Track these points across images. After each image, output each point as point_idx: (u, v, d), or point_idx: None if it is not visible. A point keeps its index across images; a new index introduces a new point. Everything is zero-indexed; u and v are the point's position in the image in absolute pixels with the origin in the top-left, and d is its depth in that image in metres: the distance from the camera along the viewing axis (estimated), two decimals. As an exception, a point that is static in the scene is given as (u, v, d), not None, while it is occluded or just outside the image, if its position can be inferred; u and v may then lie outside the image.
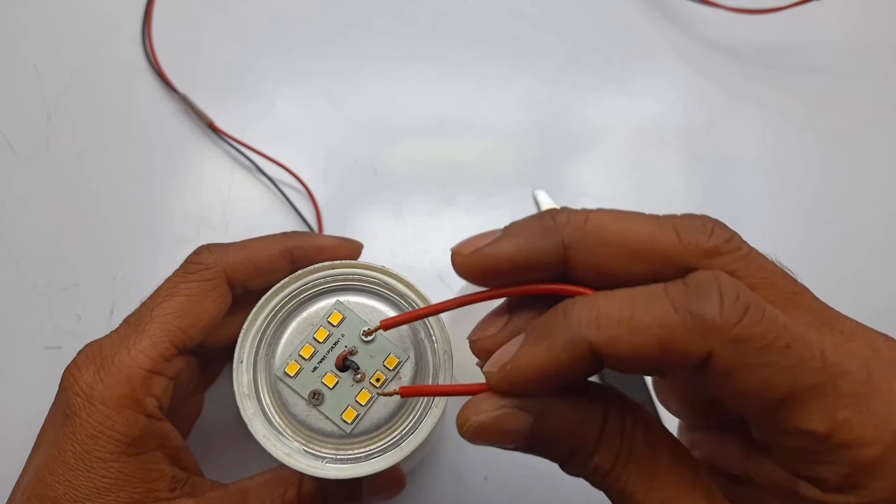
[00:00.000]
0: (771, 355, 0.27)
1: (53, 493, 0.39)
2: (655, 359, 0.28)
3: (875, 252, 0.66)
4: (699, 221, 0.31)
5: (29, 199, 0.64)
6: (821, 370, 0.27)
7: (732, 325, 0.27)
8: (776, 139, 0.68)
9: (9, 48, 0.69)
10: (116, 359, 0.41)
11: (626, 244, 0.30)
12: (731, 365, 0.27)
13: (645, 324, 0.28)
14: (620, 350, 0.28)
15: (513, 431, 0.31)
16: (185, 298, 0.44)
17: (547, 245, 0.31)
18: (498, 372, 0.31)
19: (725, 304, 0.27)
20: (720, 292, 0.27)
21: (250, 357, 0.40)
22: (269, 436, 0.39)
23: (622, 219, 0.31)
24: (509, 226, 0.33)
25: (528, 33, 0.71)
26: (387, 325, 0.37)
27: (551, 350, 0.29)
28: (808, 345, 0.27)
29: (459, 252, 0.33)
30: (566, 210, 0.32)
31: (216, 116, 0.65)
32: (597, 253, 0.31)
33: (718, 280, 0.28)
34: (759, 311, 0.27)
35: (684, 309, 0.27)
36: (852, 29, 0.72)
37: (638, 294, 0.29)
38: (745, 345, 0.27)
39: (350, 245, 0.52)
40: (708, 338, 0.27)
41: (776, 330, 0.27)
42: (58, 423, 0.41)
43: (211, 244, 0.47)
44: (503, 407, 0.31)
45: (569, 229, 0.31)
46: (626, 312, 0.28)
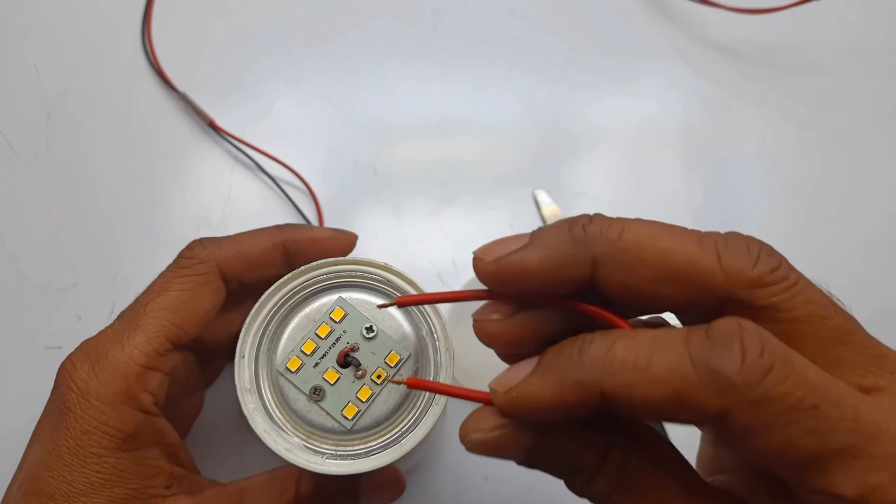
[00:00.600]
0: (795, 416, 0.25)
1: (48, 488, 0.39)
2: (669, 411, 0.26)
3: (875, 252, 0.65)
4: (744, 245, 0.29)
5: (29, 199, 0.64)
6: (852, 431, 0.25)
7: (753, 384, 0.25)
8: (776, 139, 0.68)
9: (9, 48, 0.69)
10: (111, 354, 0.41)
11: (663, 267, 0.28)
12: (750, 424, 0.25)
13: (661, 375, 0.26)
14: (633, 399, 0.26)
15: (511, 448, 0.30)
16: (178, 293, 0.43)
17: (576, 259, 0.30)
18: (503, 395, 0.30)
19: (747, 361, 0.25)
20: (742, 347, 0.25)
21: (252, 352, 0.40)
22: (270, 431, 0.39)
23: (661, 235, 0.29)
24: (536, 232, 0.31)
25: (528, 33, 0.71)
26: (403, 301, 0.36)
27: (560, 387, 0.28)
28: (838, 404, 0.25)
29: (482, 258, 0.31)
30: (599, 219, 0.30)
31: (216, 116, 0.65)
32: (630, 273, 0.29)
33: (742, 333, 0.26)
34: (786, 368, 0.25)
35: (702, 363, 0.25)
36: (852, 29, 0.72)
37: (657, 340, 0.27)
38: (766, 406, 0.25)
39: (344, 237, 0.52)
40: (725, 397, 0.25)
41: (803, 389, 0.25)
42: (53, 418, 0.40)
43: (204, 238, 0.47)
44: (502, 427, 0.30)
45: (601, 243, 0.29)
46: (642, 360, 0.27)
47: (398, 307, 0.38)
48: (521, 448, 0.30)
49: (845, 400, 0.26)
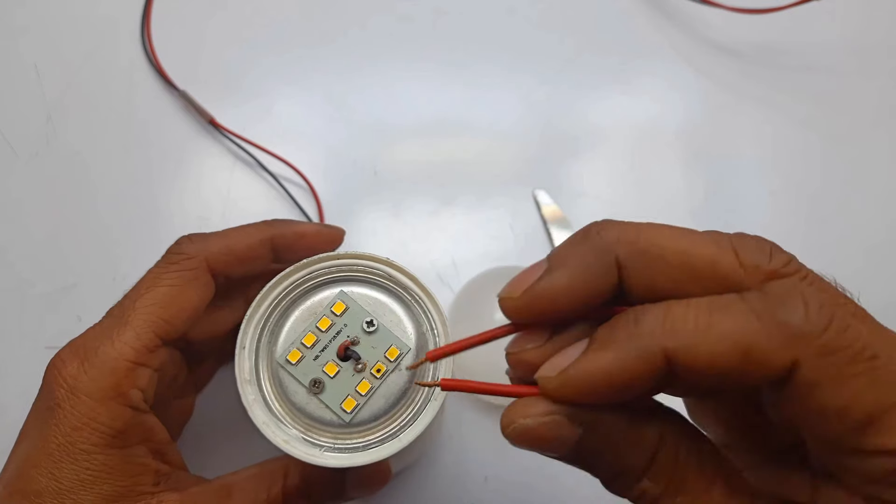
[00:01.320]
0: (857, 366, 0.25)
1: (36, 486, 0.39)
2: (736, 370, 0.26)
3: (875, 252, 0.65)
4: (755, 242, 0.29)
5: (29, 198, 0.64)
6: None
7: (820, 332, 0.25)
8: (776, 139, 0.69)
9: (9, 48, 0.69)
10: (100, 351, 0.40)
11: (685, 265, 0.29)
12: (817, 377, 0.25)
13: (726, 331, 0.26)
14: (699, 359, 0.26)
15: (559, 440, 0.29)
16: (167, 289, 0.43)
17: (602, 267, 0.30)
18: (557, 377, 0.29)
19: (811, 311, 0.26)
20: (804, 300, 0.26)
21: (253, 343, 0.40)
22: (269, 422, 0.39)
23: (679, 237, 0.29)
24: (554, 253, 0.31)
25: (528, 33, 0.71)
26: (433, 356, 0.36)
27: (621, 358, 0.27)
28: (893, 358, 0.26)
29: (510, 296, 0.31)
30: (612, 224, 0.30)
31: (216, 116, 0.65)
32: (655, 273, 0.29)
33: (803, 287, 0.27)
34: (845, 320, 0.26)
35: (769, 316, 0.26)
36: (852, 29, 0.72)
37: (714, 302, 0.27)
38: (833, 355, 0.25)
39: (331, 232, 0.52)
40: (794, 347, 0.25)
41: (862, 340, 0.25)
42: (42, 416, 0.40)
43: (192, 234, 0.47)
44: (552, 413, 0.29)
45: (622, 247, 0.29)
46: (703, 320, 0.27)
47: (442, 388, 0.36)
48: (570, 439, 0.29)
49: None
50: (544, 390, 0.29)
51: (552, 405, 0.29)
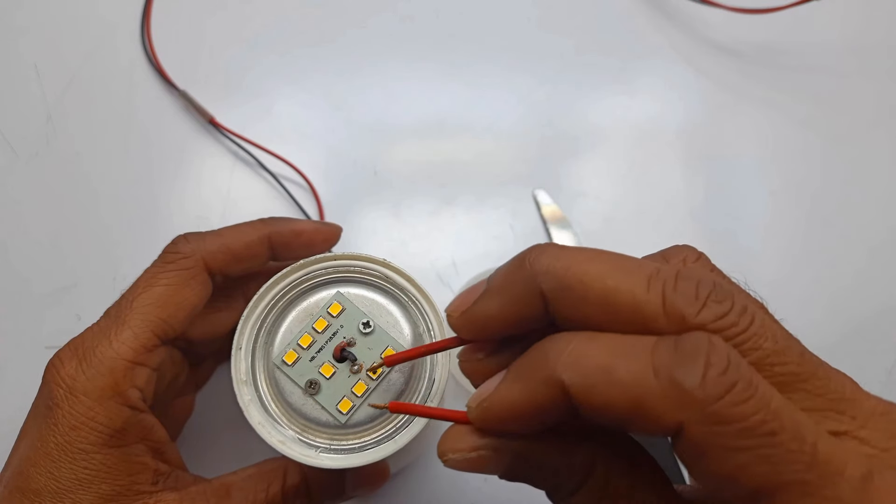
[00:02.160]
0: (750, 440, 0.24)
1: (35, 485, 0.39)
2: (627, 418, 0.26)
3: (876, 252, 0.65)
4: (692, 287, 0.28)
5: (29, 198, 0.64)
6: (808, 466, 0.25)
7: (712, 400, 0.24)
8: (776, 139, 0.68)
9: (8, 48, 0.69)
10: (98, 350, 0.41)
11: (608, 306, 0.28)
12: (703, 442, 0.25)
13: (622, 379, 0.26)
14: (593, 399, 0.26)
15: (489, 469, 0.31)
16: (164, 288, 0.43)
17: (527, 297, 0.30)
18: (476, 408, 0.30)
19: (709, 376, 0.25)
20: (707, 362, 0.25)
21: (249, 344, 0.40)
22: (265, 423, 0.39)
23: (608, 272, 0.29)
24: (492, 277, 0.32)
25: (528, 33, 0.71)
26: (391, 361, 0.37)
27: (527, 389, 0.28)
28: (798, 435, 0.25)
29: (451, 315, 0.33)
30: (548, 253, 0.30)
31: (215, 116, 0.65)
32: (575, 310, 0.29)
33: (710, 348, 0.25)
34: (749, 389, 0.25)
35: (665, 373, 0.25)
36: (852, 29, 0.72)
37: (623, 344, 0.27)
38: (722, 425, 0.25)
39: (328, 229, 0.52)
40: (682, 409, 0.25)
41: (763, 414, 0.24)
42: (40, 415, 0.40)
43: (188, 233, 0.47)
44: (478, 449, 0.30)
45: (549, 280, 0.29)
46: (605, 361, 0.27)
47: (391, 410, 0.38)
48: (499, 468, 0.31)
49: (805, 434, 0.25)
50: (471, 420, 0.31)
51: (479, 439, 0.30)
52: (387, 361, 0.38)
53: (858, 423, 0.27)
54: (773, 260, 0.65)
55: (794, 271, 0.65)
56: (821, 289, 0.64)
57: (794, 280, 0.64)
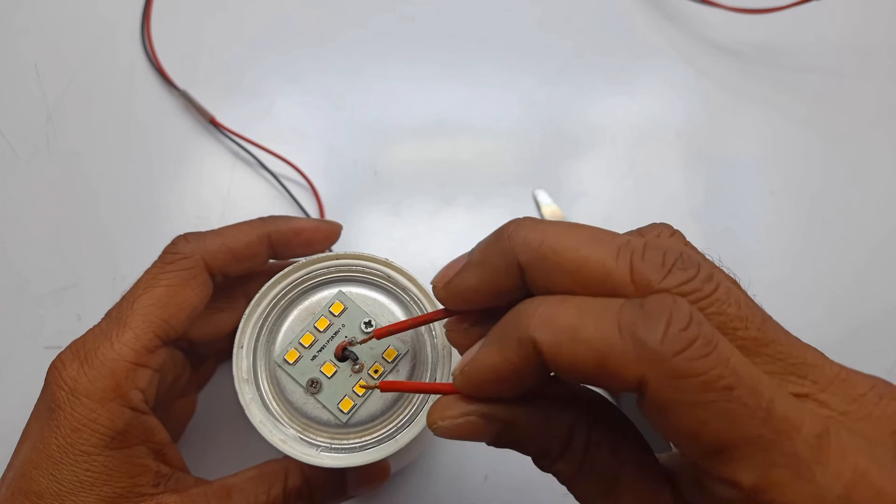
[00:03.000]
0: (708, 395, 0.25)
1: (37, 487, 0.39)
2: (593, 374, 0.27)
3: (876, 252, 0.65)
4: (659, 256, 0.29)
5: (29, 198, 0.64)
6: (764, 422, 0.25)
7: (671, 354, 0.25)
8: (776, 139, 0.68)
9: (8, 48, 0.69)
10: (100, 352, 0.41)
11: (579, 274, 0.29)
12: (664, 398, 0.26)
13: (587, 337, 0.27)
14: (561, 357, 0.27)
15: (477, 435, 0.32)
16: (165, 289, 0.44)
17: (505, 268, 0.31)
18: (459, 374, 0.31)
19: (669, 332, 0.26)
20: (668, 320, 0.26)
21: (251, 343, 0.40)
22: (266, 422, 0.39)
23: (580, 244, 0.30)
24: (473, 250, 0.33)
25: (528, 33, 0.71)
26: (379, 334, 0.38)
27: (503, 350, 0.29)
28: (755, 391, 0.25)
29: (435, 285, 0.34)
30: (524, 226, 0.31)
31: (215, 117, 0.65)
32: (549, 279, 0.30)
33: (673, 307, 0.26)
34: (708, 346, 0.25)
35: (628, 330, 0.26)
36: (852, 29, 0.72)
37: (591, 305, 0.28)
38: (682, 379, 0.25)
39: (328, 226, 0.52)
40: (643, 364, 0.26)
41: (721, 370, 0.25)
42: (43, 417, 0.40)
43: (188, 233, 0.47)
44: (467, 415, 0.31)
45: (524, 250, 0.30)
46: (573, 321, 0.27)
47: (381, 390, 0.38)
48: (487, 434, 0.32)
49: (763, 391, 0.26)
50: (455, 386, 0.32)
51: (467, 405, 0.31)
52: (376, 334, 0.38)
53: (819, 387, 0.28)
54: (773, 260, 0.65)
55: (794, 271, 0.65)
56: (821, 289, 0.64)
57: (794, 280, 0.64)
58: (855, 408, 0.28)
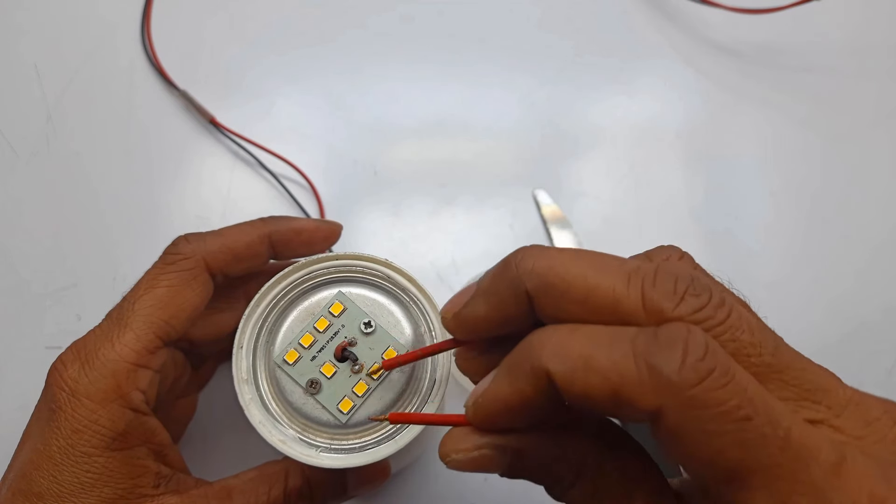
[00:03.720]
0: (726, 424, 0.25)
1: (38, 488, 0.39)
2: (607, 403, 0.27)
3: (876, 252, 0.65)
4: (671, 283, 0.29)
5: (29, 198, 0.64)
6: (781, 451, 0.25)
7: (689, 386, 0.25)
8: (776, 139, 0.68)
9: (8, 48, 0.69)
10: (101, 353, 0.41)
11: (589, 301, 0.29)
12: (681, 427, 0.25)
13: (601, 366, 0.27)
14: (575, 387, 0.27)
15: (490, 468, 0.32)
16: (166, 290, 0.43)
17: (513, 298, 0.31)
18: (472, 406, 0.31)
19: (687, 362, 0.25)
20: (685, 350, 0.26)
21: (250, 343, 0.40)
22: (265, 422, 0.39)
23: (589, 271, 0.29)
24: (481, 280, 0.33)
25: (528, 33, 0.71)
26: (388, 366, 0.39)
27: (516, 381, 0.29)
28: (772, 420, 0.25)
29: (444, 316, 0.34)
30: (531, 255, 0.31)
31: (215, 117, 0.65)
32: (558, 308, 0.30)
33: (689, 336, 0.26)
34: (725, 376, 0.25)
35: (643, 360, 0.26)
36: (852, 29, 0.72)
37: (604, 333, 0.28)
38: (700, 410, 0.25)
39: (328, 226, 0.52)
40: (660, 394, 0.26)
41: (739, 399, 0.25)
42: (43, 418, 0.40)
43: (189, 234, 0.47)
44: (480, 448, 0.31)
45: (532, 279, 0.30)
46: (586, 350, 0.27)
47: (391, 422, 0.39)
48: (500, 466, 0.31)
49: (780, 419, 0.26)
50: (467, 419, 0.32)
51: (480, 438, 0.31)
52: (385, 365, 0.38)
53: (834, 412, 0.28)
54: (773, 260, 0.65)
55: (794, 271, 0.65)
56: (821, 289, 0.64)
57: (794, 280, 0.64)
58: (869, 432, 0.28)
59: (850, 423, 0.28)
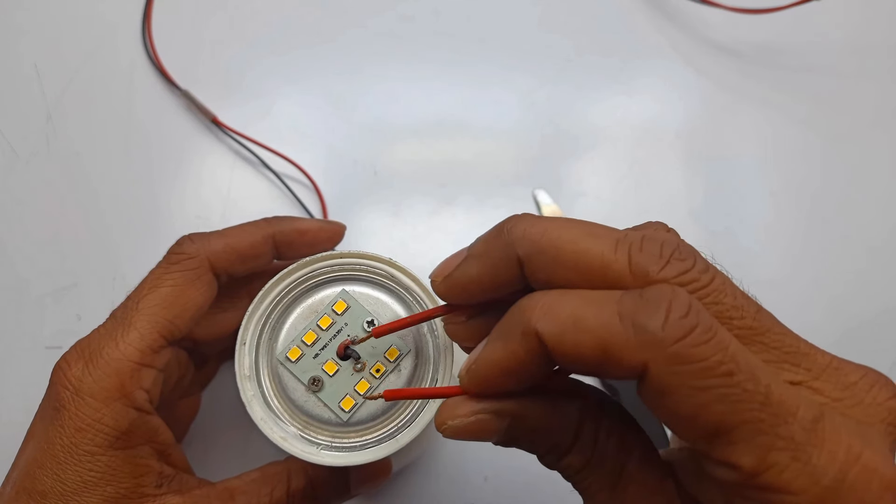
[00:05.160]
0: (709, 380, 0.26)
1: (41, 486, 0.39)
2: (596, 362, 0.28)
3: (876, 252, 0.65)
4: (656, 247, 0.30)
5: (29, 198, 0.64)
6: (762, 406, 0.26)
7: (672, 341, 0.26)
8: (776, 139, 0.68)
9: (8, 48, 0.69)
10: (104, 352, 0.41)
11: (578, 266, 0.30)
12: (665, 383, 0.26)
13: (589, 326, 0.27)
14: (564, 347, 0.28)
15: (487, 433, 0.32)
16: (170, 289, 0.44)
17: (504, 261, 0.32)
18: (466, 373, 0.32)
19: (670, 319, 0.26)
20: (669, 307, 0.26)
21: (253, 340, 0.40)
22: (267, 419, 0.39)
23: (579, 237, 0.30)
24: (473, 244, 0.34)
25: (528, 33, 0.71)
26: (378, 332, 0.38)
27: (508, 344, 0.30)
28: (753, 377, 0.26)
29: (434, 280, 0.35)
30: (525, 221, 0.32)
31: (216, 116, 0.65)
32: (549, 272, 0.30)
33: (672, 295, 0.27)
34: (708, 332, 0.26)
35: (629, 318, 0.27)
36: (852, 29, 0.72)
37: (592, 296, 0.28)
38: (683, 365, 0.26)
39: (331, 227, 0.52)
40: (645, 350, 0.26)
41: (721, 355, 0.26)
42: (47, 417, 0.40)
43: (193, 234, 0.47)
44: (477, 413, 0.32)
45: (524, 244, 0.31)
46: (575, 311, 0.28)
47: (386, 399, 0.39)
48: (497, 431, 0.32)
49: (760, 376, 0.26)
50: (462, 387, 0.32)
51: (476, 404, 0.32)
52: (375, 332, 0.38)
53: (812, 374, 0.29)
54: (773, 260, 0.65)
55: (794, 271, 0.65)
56: (821, 289, 0.64)
57: (794, 280, 0.64)
58: (847, 395, 0.29)
59: (828, 385, 0.29)
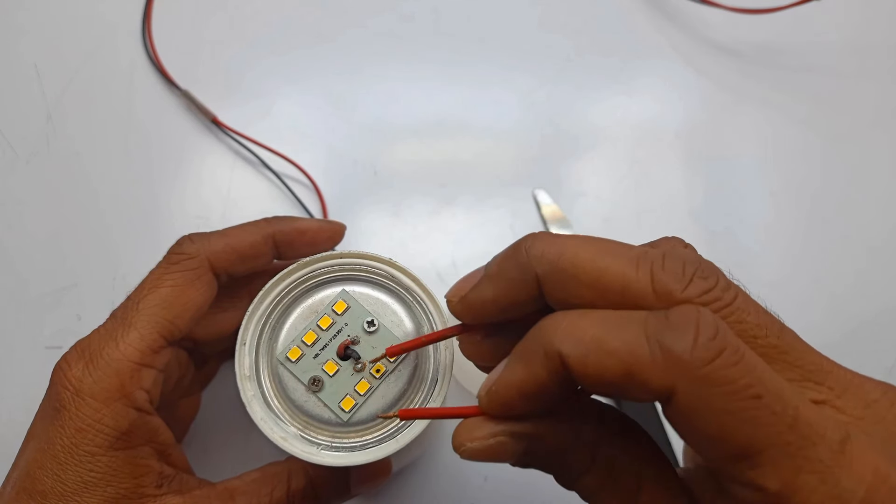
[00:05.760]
0: (737, 403, 0.26)
1: (41, 486, 0.39)
2: (621, 384, 0.27)
3: (876, 252, 0.65)
4: (680, 266, 0.29)
5: (29, 198, 0.64)
6: (790, 429, 0.26)
7: (701, 364, 0.26)
8: (776, 139, 0.68)
9: (8, 48, 0.69)
10: (105, 352, 0.41)
11: (598, 285, 0.29)
12: (694, 405, 0.26)
13: (614, 348, 0.27)
14: (588, 369, 0.27)
15: (505, 456, 0.32)
16: (170, 289, 0.43)
17: (523, 282, 0.31)
18: (485, 395, 0.31)
19: (699, 342, 0.26)
20: (696, 330, 0.26)
21: (253, 340, 0.40)
22: (267, 419, 0.39)
23: (599, 255, 0.30)
24: (489, 264, 0.34)
25: (528, 33, 0.71)
26: (392, 352, 0.38)
27: (529, 366, 0.29)
28: (781, 399, 0.26)
29: (451, 300, 0.34)
30: (543, 240, 0.32)
31: (216, 116, 0.65)
32: (568, 292, 0.30)
33: (699, 317, 0.27)
34: (736, 355, 0.26)
35: (655, 340, 0.26)
36: (852, 29, 0.72)
37: (615, 317, 0.28)
38: (711, 388, 0.26)
39: (331, 227, 0.52)
40: (672, 373, 0.26)
41: (749, 378, 0.26)
42: (47, 417, 0.40)
43: (193, 234, 0.47)
44: (495, 436, 0.31)
45: (543, 264, 0.31)
46: (599, 333, 0.28)
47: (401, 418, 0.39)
48: (515, 453, 0.32)
49: (788, 398, 0.26)
50: (481, 408, 0.32)
51: (494, 426, 0.32)
52: (389, 352, 0.38)
53: (835, 393, 0.29)
54: (773, 260, 0.65)
55: (794, 271, 0.65)
56: (821, 289, 0.64)
57: (794, 280, 0.64)
58: (869, 413, 0.29)
59: (850, 403, 0.29)
